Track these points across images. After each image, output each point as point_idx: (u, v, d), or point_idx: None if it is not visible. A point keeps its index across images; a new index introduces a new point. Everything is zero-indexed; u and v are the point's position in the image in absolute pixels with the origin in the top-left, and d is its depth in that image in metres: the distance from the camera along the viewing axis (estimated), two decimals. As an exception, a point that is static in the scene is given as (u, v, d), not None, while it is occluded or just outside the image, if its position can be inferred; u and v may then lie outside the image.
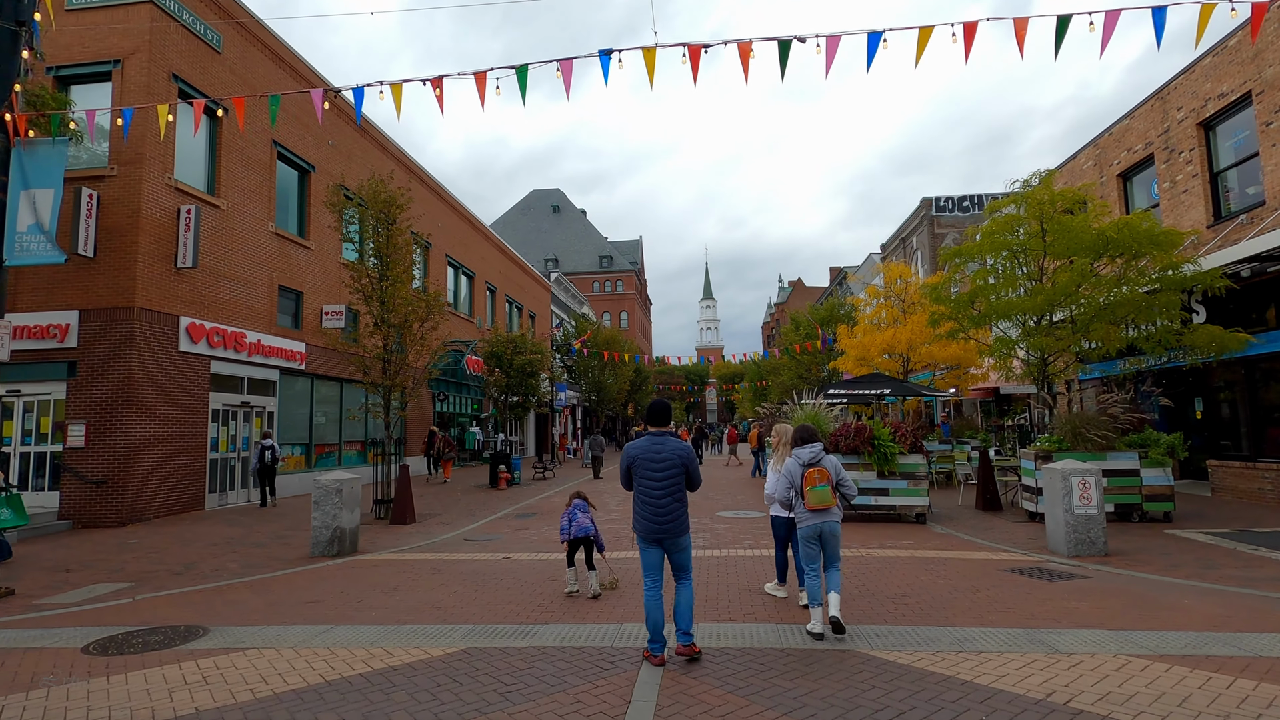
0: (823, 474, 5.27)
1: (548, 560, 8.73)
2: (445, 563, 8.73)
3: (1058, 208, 10.98)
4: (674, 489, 4.69)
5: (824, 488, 5.23)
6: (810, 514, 5.28)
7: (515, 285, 36.81)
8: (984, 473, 12.22)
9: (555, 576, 7.67)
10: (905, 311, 18.94)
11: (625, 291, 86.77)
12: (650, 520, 4.69)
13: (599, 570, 7.00)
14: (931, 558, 8.31)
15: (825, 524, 5.27)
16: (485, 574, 7.95)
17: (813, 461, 5.36)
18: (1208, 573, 7.18)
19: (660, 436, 4.78)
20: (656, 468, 4.68)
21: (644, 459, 4.71)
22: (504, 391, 21.49)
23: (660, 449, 4.71)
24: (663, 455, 4.69)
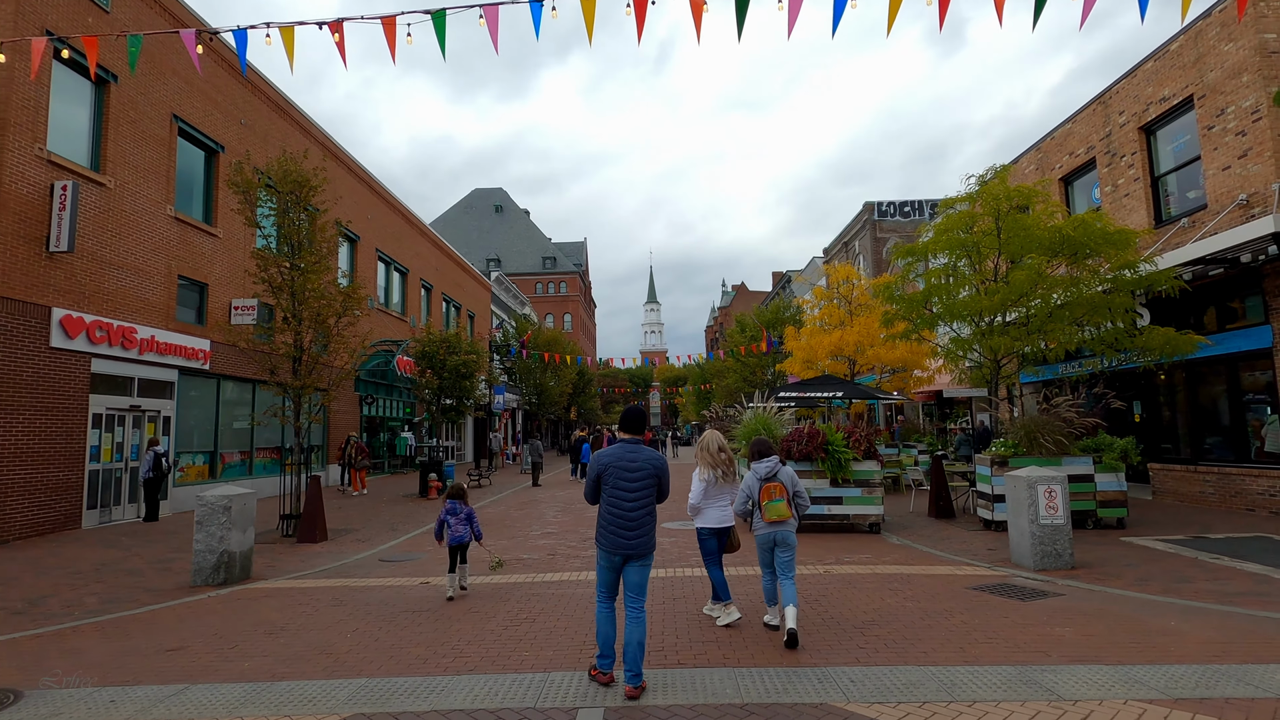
0: (779, 489, 5.43)
1: (474, 584, 7.69)
2: (351, 591, 7.58)
3: (1013, 204, 10.65)
4: (647, 501, 4.44)
5: (780, 502, 5.39)
6: (767, 525, 5.46)
7: (453, 283, 35.24)
8: (937, 479, 11.81)
9: (477, 607, 6.67)
10: (852, 313, 18.65)
11: (569, 293, 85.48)
12: (619, 534, 4.38)
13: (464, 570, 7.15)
14: (893, 574, 7.69)
15: (779, 532, 5.43)
16: (396, 605, 6.87)
17: (769, 476, 5.49)
18: (1181, 587, 6.77)
19: (633, 445, 4.55)
20: (629, 478, 4.42)
21: (616, 468, 4.44)
22: (437, 394, 20.15)
23: (634, 458, 4.47)
24: (636, 465, 4.45)
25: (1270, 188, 10.54)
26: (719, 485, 5.73)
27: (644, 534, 4.40)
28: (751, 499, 5.51)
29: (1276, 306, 10.64)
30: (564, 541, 10.69)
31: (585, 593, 7.16)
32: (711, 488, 5.72)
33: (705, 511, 5.77)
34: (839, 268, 19.43)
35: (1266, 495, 10.82)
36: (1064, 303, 9.95)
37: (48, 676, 4.90)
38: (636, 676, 4.24)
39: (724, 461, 5.73)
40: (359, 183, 24.53)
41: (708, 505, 5.76)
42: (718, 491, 5.76)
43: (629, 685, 4.23)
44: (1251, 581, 6.92)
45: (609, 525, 4.41)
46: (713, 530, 5.78)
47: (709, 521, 5.77)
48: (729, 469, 5.73)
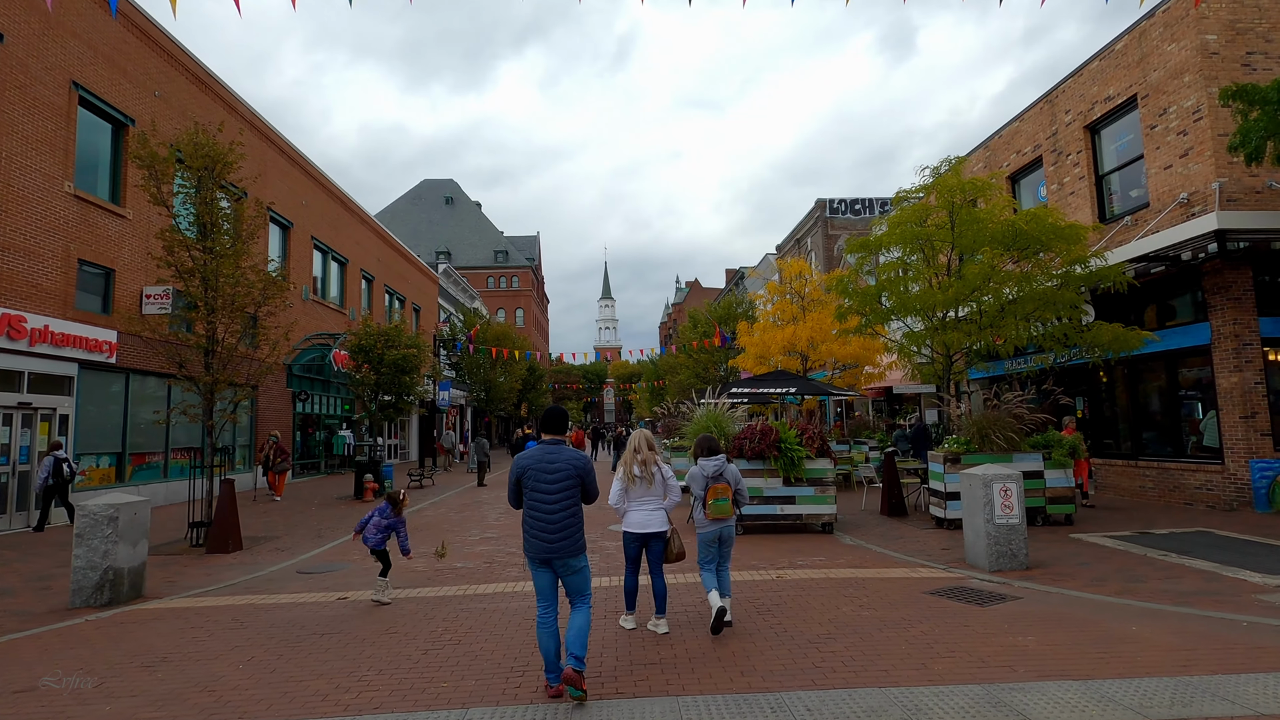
0: (725, 489, 5.62)
1: (396, 598, 7.01)
2: (256, 610, 6.79)
3: (966, 196, 10.50)
4: (569, 503, 4.31)
5: (725, 501, 5.57)
6: (711, 522, 5.64)
7: (397, 275, 33.90)
8: (889, 476, 11.61)
9: (397, 626, 6.01)
10: (805, 309, 18.47)
11: (521, 288, 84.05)
12: (541, 538, 4.26)
13: None
14: (848, 579, 7.34)
15: (724, 529, 5.69)
16: (305, 625, 6.14)
17: (716, 475, 5.66)
18: (1136, 587, 6.61)
19: (554, 445, 4.45)
20: (549, 480, 4.30)
21: (536, 470, 4.32)
22: (374, 390, 19.12)
23: (554, 459, 4.35)
24: (556, 466, 4.32)
25: (1210, 187, 10.66)
26: (640, 486, 5.38)
27: (567, 537, 4.25)
28: (696, 495, 5.70)
29: (1215, 304, 10.78)
30: (503, 547, 10.05)
31: (521, 606, 6.57)
32: (632, 488, 5.38)
33: (628, 514, 5.46)
34: (792, 262, 19.23)
35: (1204, 489, 10.97)
36: (1016, 297, 9.82)
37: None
38: (579, 660, 4.13)
39: (640, 461, 5.37)
40: (293, 166, 23.17)
41: (631, 508, 5.43)
42: (641, 493, 5.40)
43: (570, 667, 4.09)
44: (1201, 579, 6.82)
45: (530, 530, 4.28)
46: (634, 535, 5.43)
47: (630, 525, 5.44)
48: (645, 469, 5.35)
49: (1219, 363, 10.71)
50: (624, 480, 5.40)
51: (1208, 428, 11.16)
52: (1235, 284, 10.55)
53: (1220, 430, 10.72)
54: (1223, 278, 10.62)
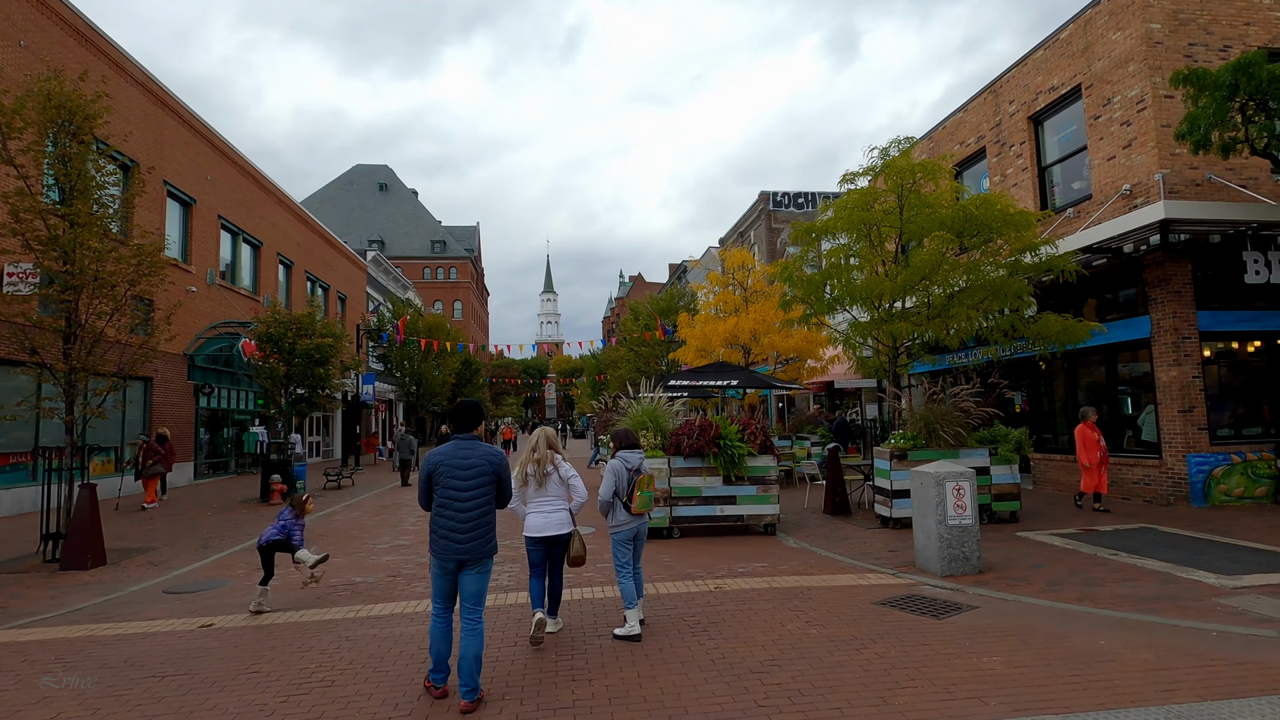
0: (651, 480, 5.38)
1: (274, 625, 5.95)
2: (93, 644, 5.61)
3: (916, 178, 10.04)
4: (483, 502, 4.13)
5: (651, 493, 5.35)
6: (631, 517, 5.36)
7: (320, 262, 31.84)
8: (833, 474, 11.10)
9: (261, 662, 4.97)
10: (747, 300, 17.93)
11: (460, 280, 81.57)
12: (451, 539, 4.05)
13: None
14: (793, 588, 6.67)
15: (642, 525, 5.49)
16: (146, 665, 5.02)
17: (640, 467, 5.42)
18: (1095, 592, 6.17)
19: (467, 441, 4.23)
20: (463, 477, 4.12)
21: (448, 466, 4.14)
22: (283, 383, 17.55)
23: (468, 455, 4.16)
24: (470, 462, 4.15)
25: (1153, 178, 10.52)
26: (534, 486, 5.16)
27: (479, 538, 4.06)
28: (619, 489, 5.32)
29: (1156, 298, 10.68)
30: (414, 556, 9.00)
31: (419, 632, 5.62)
32: (526, 489, 5.18)
33: (527, 516, 5.22)
34: (734, 252, 18.68)
35: (1142, 484, 10.89)
36: (966, 286, 9.41)
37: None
38: (473, 691, 4.00)
39: (535, 460, 5.14)
40: (196, 138, 21.17)
41: (529, 510, 5.20)
42: (538, 494, 5.18)
43: (464, 700, 3.97)
44: (1157, 581, 6.45)
45: (440, 529, 4.07)
46: (533, 539, 5.18)
47: (528, 528, 5.18)
48: (539, 468, 5.14)
49: (1158, 356, 10.61)
50: (519, 480, 5.15)
51: (1145, 422, 11.09)
52: (1176, 277, 10.46)
53: (1159, 424, 10.64)
54: (1164, 270, 10.52)
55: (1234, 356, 10.86)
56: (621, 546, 5.36)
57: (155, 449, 14.23)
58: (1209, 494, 10.19)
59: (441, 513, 4.06)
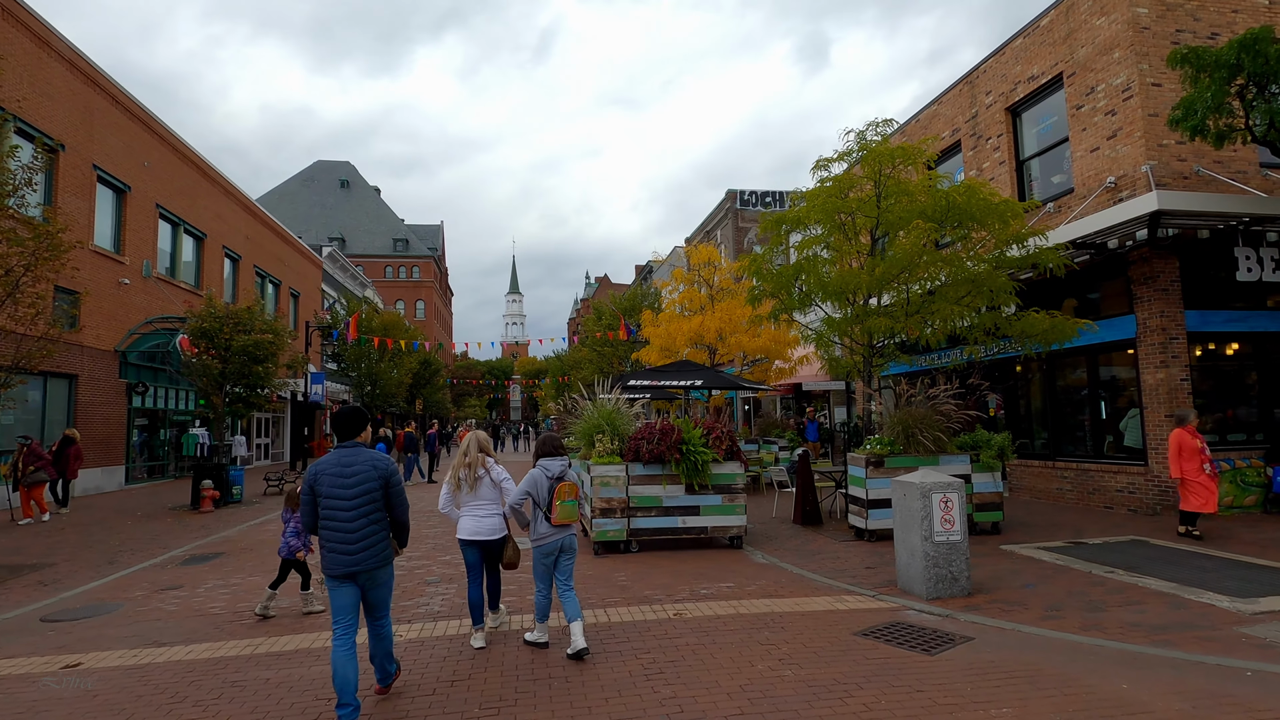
0: (573, 489, 5.03)
1: (152, 665, 4.94)
2: (-101, 700, 4.52)
3: (895, 164, 9.37)
4: (369, 511, 3.92)
5: (573, 503, 4.98)
6: (554, 529, 5.02)
7: (271, 256, 30.28)
8: (803, 480, 10.36)
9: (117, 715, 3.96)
10: (714, 298, 17.18)
11: (423, 279, 79.73)
12: (338, 551, 3.85)
13: None
14: (763, 615, 5.86)
15: (566, 538, 5.07)
16: (-48, 731, 3.98)
17: (562, 475, 5.07)
18: (1100, 619, 5.48)
19: (351, 449, 4.02)
20: (346, 485, 3.90)
21: (330, 476, 3.91)
22: (219, 381, 16.24)
23: (351, 463, 3.95)
24: (354, 471, 3.93)
25: (1140, 170, 10.03)
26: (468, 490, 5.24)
27: (368, 549, 3.91)
28: (537, 499, 4.99)
29: (1142, 296, 10.18)
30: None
31: (322, 675, 4.68)
32: (458, 493, 5.27)
33: (460, 519, 5.31)
34: (700, 248, 17.89)
35: (1125, 492, 10.37)
36: (949, 281, 8.75)
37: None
38: (386, 677, 4.22)
39: (466, 464, 5.25)
40: (131, 120, 19.69)
41: (463, 513, 5.29)
42: (472, 498, 5.26)
43: (379, 685, 4.22)
44: (1166, 606, 5.80)
45: (326, 542, 3.89)
46: (465, 541, 5.27)
47: (461, 531, 5.29)
48: (470, 472, 5.23)
49: (1144, 358, 10.11)
50: (451, 484, 5.28)
51: (1128, 427, 10.58)
52: (1163, 274, 9.97)
53: (1144, 430, 10.13)
54: (1150, 267, 10.02)
55: (1222, 358, 10.42)
56: (542, 560, 5.01)
57: (38, 454, 12.17)
58: (1196, 502, 9.68)
59: (327, 524, 3.89)
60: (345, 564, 3.82)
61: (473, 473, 5.19)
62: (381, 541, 3.97)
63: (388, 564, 4.01)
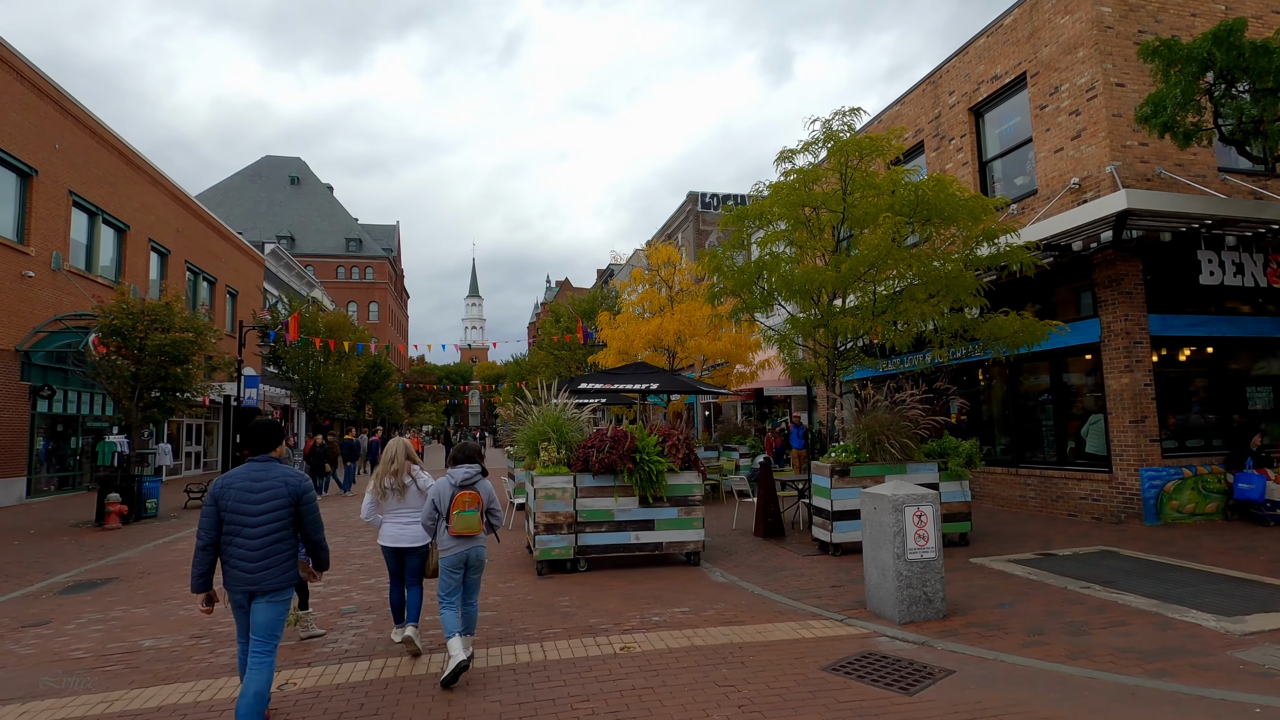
0: (474, 498, 4.82)
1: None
2: None
3: (863, 157, 8.92)
4: (277, 528, 3.79)
5: (473, 513, 4.77)
6: (455, 540, 4.80)
7: (205, 252, 28.54)
8: (765, 491, 9.79)
9: None
10: (673, 300, 16.59)
11: (377, 280, 77.50)
12: (241, 567, 3.73)
13: None
14: (721, 647, 5.20)
15: (471, 550, 4.85)
16: None
17: (466, 483, 4.85)
18: (1086, 644, 4.99)
19: (263, 463, 3.91)
20: (254, 500, 3.77)
21: (238, 490, 3.79)
22: (132, 384, 14.89)
23: (262, 477, 3.84)
24: (264, 485, 3.82)
25: (1104, 170, 9.80)
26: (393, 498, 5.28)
27: (271, 566, 3.75)
28: (439, 508, 4.83)
29: (1106, 299, 9.95)
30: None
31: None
32: (384, 501, 5.29)
33: (382, 526, 5.33)
34: (660, 248, 17.29)
35: (1090, 500, 10.11)
36: (918, 280, 8.30)
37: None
38: None
39: (392, 472, 5.27)
40: (41, 99, 18.12)
41: (386, 520, 5.31)
42: (397, 505, 5.29)
43: None
44: (1152, 627, 5.36)
45: (229, 558, 3.74)
46: (388, 549, 5.31)
47: (383, 538, 5.31)
48: (396, 480, 5.26)
49: (1109, 362, 9.87)
50: (374, 492, 5.28)
51: (1091, 433, 10.34)
52: (1127, 277, 9.75)
53: (1108, 435, 9.88)
54: (1115, 270, 9.80)
55: (1181, 363, 10.26)
56: (449, 574, 4.80)
57: None
58: (1161, 510, 9.47)
59: (231, 540, 3.77)
60: (246, 581, 3.72)
61: (399, 480, 5.22)
62: (287, 561, 3.84)
63: (289, 585, 3.85)
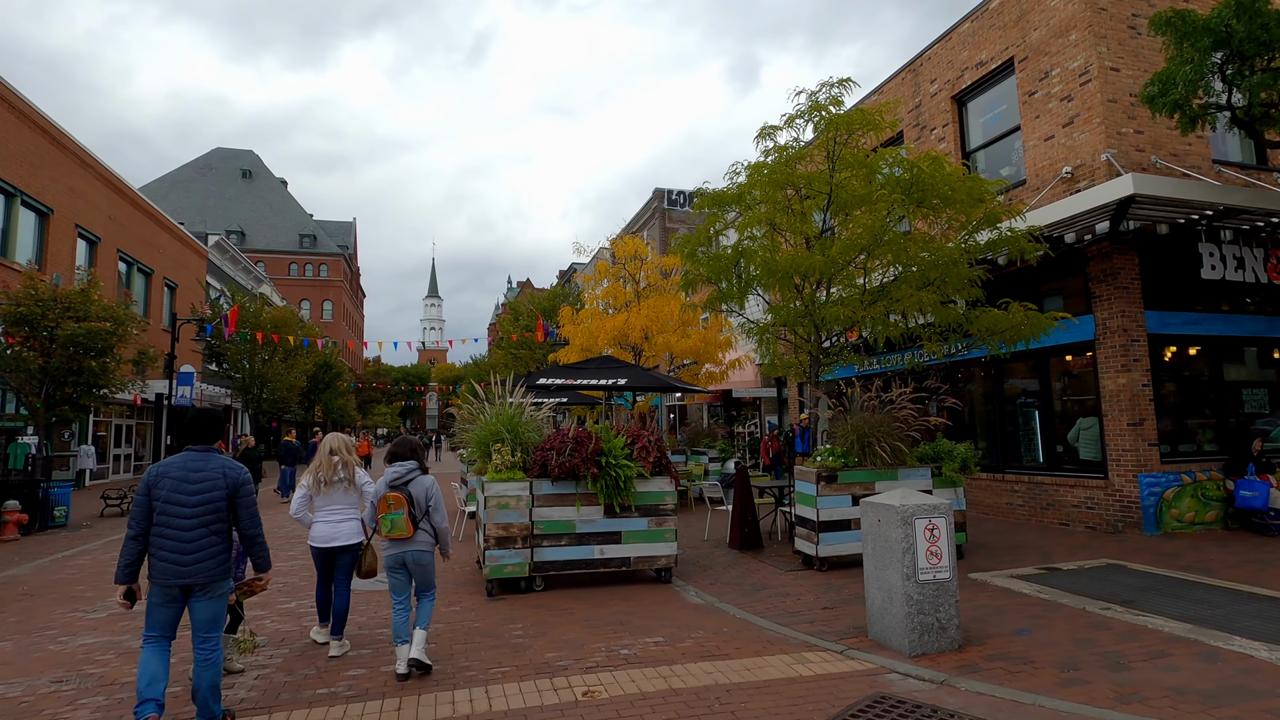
0: (398, 499, 4.60)
1: None
2: None
3: (854, 134, 8.19)
4: (211, 521, 3.71)
5: (398, 515, 4.56)
6: (390, 543, 4.66)
7: (141, 242, 26.58)
8: (742, 498, 8.96)
9: None
10: (640, 295, 15.71)
11: (332, 278, 74.89)
12: (172, 560, 3.61)
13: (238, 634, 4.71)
14: (704, 689, 4.31)
15: (407, 553, 4.65)
16: None
17: (394, 483, 4.69)
18: (1131, 680, 4.25)
19: (202, 453, 3.81)
20: (190, 491, 3.68)
21: (173, 480, 3.68)
22: (40, 378, 13.37)
23: (200, 467, 3.74)
24: (202, 476, 3.72)
25: (1099, 158, 9.28)
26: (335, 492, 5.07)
27: (205, 560, 3.66)
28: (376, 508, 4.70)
29: (1101, 295, 9.42)
30: (129, 636, 5.84)
31: None
32: (319, 496, 5.06)
33: (313, 525, 5.08)
34: (628, 240, 16.38)
35: (1083, 507, 9.54)
36: (917, 266, 7.58)
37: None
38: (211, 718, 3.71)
39: (338, 464, 5.08)
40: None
41: (317, 518, 5.07)
42: (327, 502, 5.06)
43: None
44: (1196, 657, 4.66)
45: (159, 549, 3.62)
46: (318, 550, 5.05)
47: (314, 538, 5.06)
48: (347, 470, 5.09)
49: (1104, 361, 9.33)
50: (310, 488, 5.07)
51: (1084, 437, 9.79)
52: (1124, 271, 9.23)
53: (1103, 439, 9.33)
54: (1110, 263, 9.27)
55: (1176, 363, 9.79)
56: (392, 574, 4.71)
57: None
58: (1161, 520, 8.93)
59: (161, 531, 3.63)
60: (179, 574, 3.61)
61: (335, 474, 5.05)
62: (221, 554, 3.76)
63: (226, 578, 3.79)
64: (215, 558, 3.70)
